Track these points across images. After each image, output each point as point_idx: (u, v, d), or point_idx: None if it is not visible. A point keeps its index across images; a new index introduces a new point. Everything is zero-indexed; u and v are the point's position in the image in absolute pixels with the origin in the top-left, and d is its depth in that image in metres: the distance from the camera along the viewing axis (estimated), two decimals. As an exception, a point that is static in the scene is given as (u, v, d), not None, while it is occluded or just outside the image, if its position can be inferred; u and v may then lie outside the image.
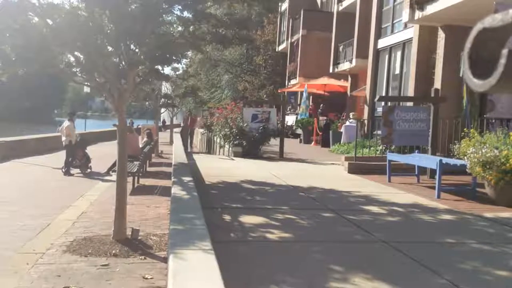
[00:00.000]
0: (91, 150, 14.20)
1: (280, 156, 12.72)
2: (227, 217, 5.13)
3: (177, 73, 20.34)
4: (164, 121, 40.21)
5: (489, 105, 10.58)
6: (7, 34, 5.89)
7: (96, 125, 43.43)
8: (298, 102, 26.34)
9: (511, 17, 0.70)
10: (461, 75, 10.67)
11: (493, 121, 10.13)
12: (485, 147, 6.51)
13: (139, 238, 6.22)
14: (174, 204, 4.08)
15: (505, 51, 0.69)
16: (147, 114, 39.38)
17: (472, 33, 0.77)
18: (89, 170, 13.27)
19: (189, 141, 20.98)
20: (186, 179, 5.60)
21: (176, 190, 4.75)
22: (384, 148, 10.93)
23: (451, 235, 5.04)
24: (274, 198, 6.44)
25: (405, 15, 12.64)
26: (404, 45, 15.15)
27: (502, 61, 0.69)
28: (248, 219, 5.07)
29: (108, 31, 6.57)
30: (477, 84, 0.75)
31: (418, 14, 12.00)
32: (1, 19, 5.71)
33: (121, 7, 6.39)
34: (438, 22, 12.31)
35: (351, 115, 17.84)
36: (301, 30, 28.24)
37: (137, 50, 6.73)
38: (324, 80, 23.69)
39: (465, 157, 6.83)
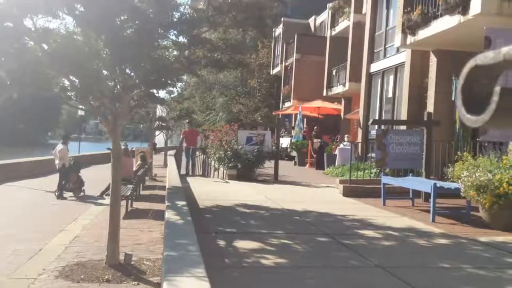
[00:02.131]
0: (84, 173, 14.12)
1: (275, 178, 12.70)
2: (222, 242, 5.09)
3: (172, 96, 20.43)
4: (155, 144, 40.11)
5: (481, 129, 10.67)
6: (2, 58, 5.91)
7: (90, 147, 43.26)
8: (292, 125, 26.46)
9: (503, 55, 0.72)
10: (453, 98, 10.80)
11: (486, 144, 10.21)
12: (478, 170, 6.54)
13: (132, 263, 6.15)
14: (168, 229, 4.05)
15: (497, 89, 0.71)
16: (141, 136, 39.37)
17: (464, 70, 0.78)
18: (82, 193, 13.17)
19: (190, 163, 16.58)
20: (180, 203, 5.57)
21: (170, 215, 4.72)
22: (378, 171, 10.95)
23: (447, 260, 5.02)
24: (269, 222, 6.41)
25: (397, 40, 12.82)
26: (397, 69, 15.33)
27: (495, 98, 0.70)
28: (243, 244, 5.03)
29: (104, 55, 6.62)
30: (471, 120, 0.76)
31: (410, 39, 12.18)
32: (-4, 43, 5.73)
33: (117, 32, 6.44)
34: (430, 47, 12.50)
35: (345, 137, 17.91)
36: (295, 54, 28.57)
37: (132, 74, 6.77)
38: (318, 103, 23.88)
39: (459, 181, 6.85)
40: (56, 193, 12.80)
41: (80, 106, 7.05)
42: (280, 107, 31.75)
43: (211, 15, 7.31)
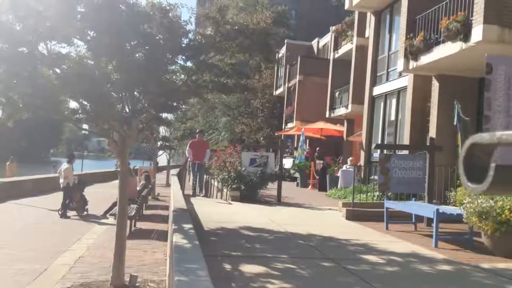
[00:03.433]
0: (87, 191, 14.21)
1: (278, 200, 12.77)
2: (228, 266, 5.15)
3: (175, 116, 20.62)
4: (157, 163, 40.11)
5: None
6: (15, 81, 6.07)
7: (92, 165, 43.36)
8: (295, 146, 26.59)
9: (497, 139, 0.84)
10: (455, 123, 10.92)
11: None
12: (480, 197, 6.61)
13: (137, 284, 6.20)
14: (177, 253, 4.13)
15: (493, 165, 0.83)
16: (143, 155, 39.47)
17: (464, 146, 0.91)
18: (85, 212, 13.23)
19: (197, 181, 14.16)
20: (187, 226, 5.66)
21: (177, 239, 4.80)
22: (381, 194, 11.02)
23: (449, 286, 5.08)
24: (273, 246, 6.47)
25: (399, 65, 13.02)
26: (399, 92, 15.51)
27: (491, 173, 0.83)
28: (249, 268, 5.10)
29: (114, 80, 6.79)
30: (472, 188, 0.89)
31: (412, 64, 12.37)
32: (10, 67, 5.89)
33: (127, 57, 6.62)
34: (432, 72, 12.68)
35: (348, 160, 18.00)
36: (298, 75, 28.87)
37: (141, 97, 6.92)
38: (320, 124, 24.05)
39: (461, 206, 6.92)
40: (60, 212, 12.87)
41: (90, 129, 7.18)
42: (283, 127, 31.93)
43: (219, 41, 7.49)
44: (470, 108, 11.46)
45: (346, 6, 18.40)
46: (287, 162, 23.40)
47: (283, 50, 33.09)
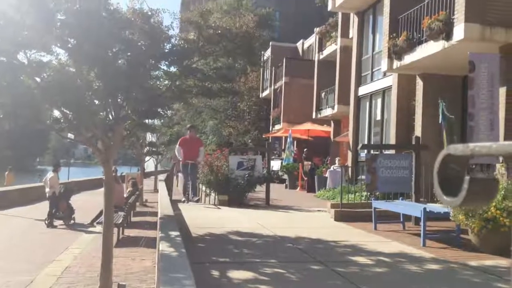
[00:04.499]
0: (74, 200, 14.05)
1: (266, 203, 12.73)
2: (216, 273, 5.11)
3: (162, 121, 20.51)
4: (144, 169, 39.94)
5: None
6: (-5, 91, 5.97)
7: (79, 172, 43.00)
8: (283, 147, 26.61)
9: (470, 150, 0.82)
10: (440, 121, 10.99)
11: (474, 166, 10.37)
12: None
13: (125, 294, 6.12)
14: (163, 262, 4.08)
15: (467, 178, 0.82)
16: (130, 161, 39.23)
17: (439, 157, 0.89)
18: (72, 221, 13.09)
19: (190, 184, 12.55)
20: (174, 233, 5.60)
21: (164, 247, 4.74)
22: (369, 194, 11.05)
23: (438, 286, 5.09)
24: (262, 250, 6.44)
25: (383, 65, 13.08)
26: (384, 92, 15.59)
27: (465, 186, 0.81)
28: (237, 275, 5.06)
29: (96, 87, 6.71)
30: (447, 201, 0.87)
31: (396, 64, 12.44)
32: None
33: (109, 63, 6.55)
34: (416, 71, 12.76)
35: (336, 160, 18.04)
36: (283, 77, 28.91)
37: (124, 104, 6.85)
38: (307, 125, 24.11)
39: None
40: (46, 222, 12.71)
41: (73, 137, 7.09)
42: (270, 129, 31.94)
43: (202, 45, 7.45)
44: (455, 106, 11.55)
45: (329, 8, 18.47)
46: (276, 164, 23.39)
47: (268, 52, 33.12)
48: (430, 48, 10.97)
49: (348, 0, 16.63)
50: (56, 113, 6.89)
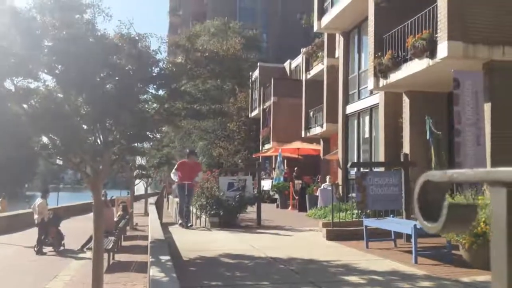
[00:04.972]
0: (63, 225, 13.88)
1: (258, 224, 12.67)
2: (207, 297, 5.05)
3: (151, 144, 20.49)
4: (134, 192, 39.66)
5: (457, 167, 10.95)
6: (-18, 119, 5.95)
7: (69, 197, 42.56)
8: (273, 167, 26.62)
9: (448, 177, 0.85)
10: (427, 138, 11.10)
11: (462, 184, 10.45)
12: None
13: (116, 321, 6.03)
14: (154, 288, 4.04)
15: (446, 203, 0.84)
16: (120, 184, 38.92)
17: (418, 183, 0.91)
18: (62, 247, 12.92)
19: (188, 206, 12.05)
20: (164, 258, 5.55)
21: (154, 272, 4.69)
22: (360, 212, 11.05)
23: (431, 303, 5.08)
24: (254, 273, 6.39)
25: (370, 83, 13.25)
26: (372, 110, 15.74)
27: (444, 211, 0.83)
28: (229, 298, 5.00)
29: (84, 112, 6.71)
30: (427, 227, 0.89)
31: (382, 82, 12.61)
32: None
33: (97, 88, 6.57)
34: (402, 89, 12.93)
35: (327, 179, 18.07)
36: (272, 97, 29.13)
37: (113, 128, 6.85)
38: (297, 144, 24.21)
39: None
40: (36, 249, 12.53)
41: (61, 163, 7.06)
42: (260, 149, 32.00)
43: (190, 68, 7.51)
44: (442, 122, 11.69)
45: (315, 29, 18.74)
46: (266, 184, 23.37)
47: (256, 73, 33.39)
48: (415, 66, 11.15)
49: (333, 21, 16.90)
50: (44, 139, 6.87)
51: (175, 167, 12.62)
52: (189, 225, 12.03)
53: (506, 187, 0.75)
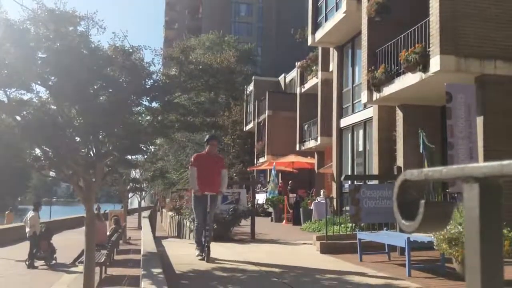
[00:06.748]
0: (56, 239, 13.75)
1: (252, 237, 12.60)
2: (199, 310, 5.00)
3: (145, 157, 20.45)
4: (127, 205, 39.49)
5: (451, 181, 10.98)
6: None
7: (61, 211, 42.26)
8: (268, 180, 26.58)
9: (424, 175, 0.86)
10: (421, 151, 11.15)
11: (456, 195, 10.47)
12: (449, 223, 6.69)
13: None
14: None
15: (422, 202, 0.85)
16: (114, 198, 38.72)
17: (397, 182, 0.92)
18: (54, 261, 12.79)
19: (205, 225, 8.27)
20: (156, 271, 5.50)
21: (146, 285, 4.65)
22: (354, 225, 11.02)
23: (424, 316, 5.04)
24: (246, 286, 6.34)
25: (363, 97, 13.32)
26: (365, 123, 15.81)
27: (421, 210, 0.84)
28: (221, 311, 4.95)
29: (77, 124, 6.70)
30: (405, 225, 0.89)
31: (375, 96, 12.68)
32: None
33: (90, 100, 6.57)
34: (395, 102, 13.01)
35: (321, 192, 18.06)
36: (266, 110, 29.21)
37: (106, 140, 6.84)
38: (291, 158, 24.21)
39: (432, 233, 6.96)
40: (27, 262, 12.40)
41: (54, 175, 7.02)
42: (255, 162, 31.98)
43: (183, 80, 7.53)
44: (435, 135, 11.75)
45: (309, 43, 18.88)
46: (261, 197, 23.31)
47: (251, 87, 33.52)
48: (408, 80, 11.23)
49: (327, 35, 17.05)
50: (37, 151, 6.84)
51: (191, 163, 8.38)
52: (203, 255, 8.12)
53: (479, 183, 0.76)
